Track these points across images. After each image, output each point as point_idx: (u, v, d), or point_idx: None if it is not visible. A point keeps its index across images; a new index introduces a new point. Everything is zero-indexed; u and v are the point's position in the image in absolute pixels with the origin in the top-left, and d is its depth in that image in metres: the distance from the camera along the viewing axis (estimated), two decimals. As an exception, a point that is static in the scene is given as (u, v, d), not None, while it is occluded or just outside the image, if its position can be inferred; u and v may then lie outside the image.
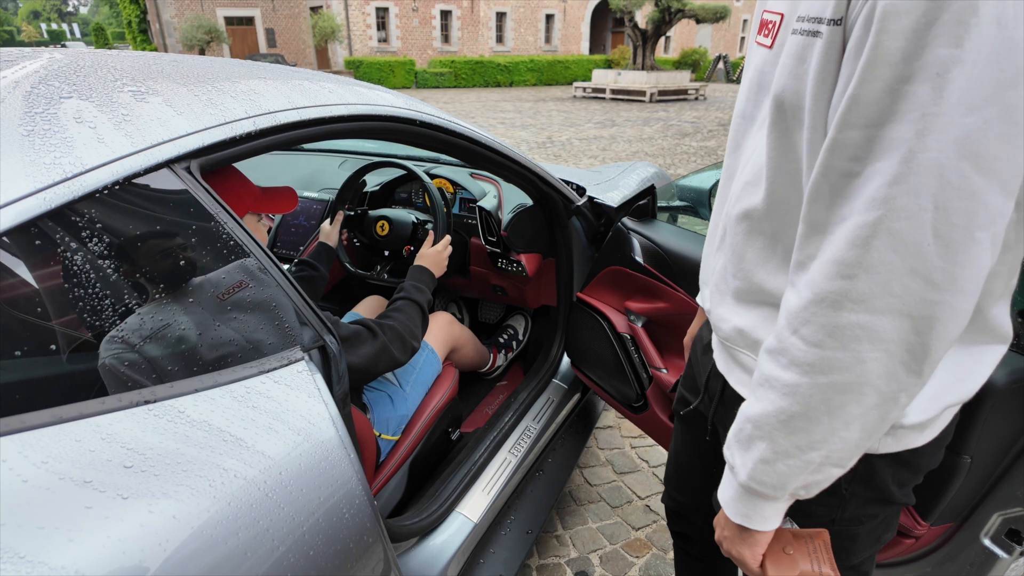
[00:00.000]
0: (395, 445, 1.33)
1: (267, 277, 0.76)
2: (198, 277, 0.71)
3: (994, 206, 0.41)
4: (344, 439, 0.72)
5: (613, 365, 1.50)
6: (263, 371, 0.71)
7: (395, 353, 1.12)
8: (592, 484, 1.82)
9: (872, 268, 0.44)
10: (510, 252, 1.63)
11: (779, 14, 0.56)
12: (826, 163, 0.47)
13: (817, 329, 0.48)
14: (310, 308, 0.81)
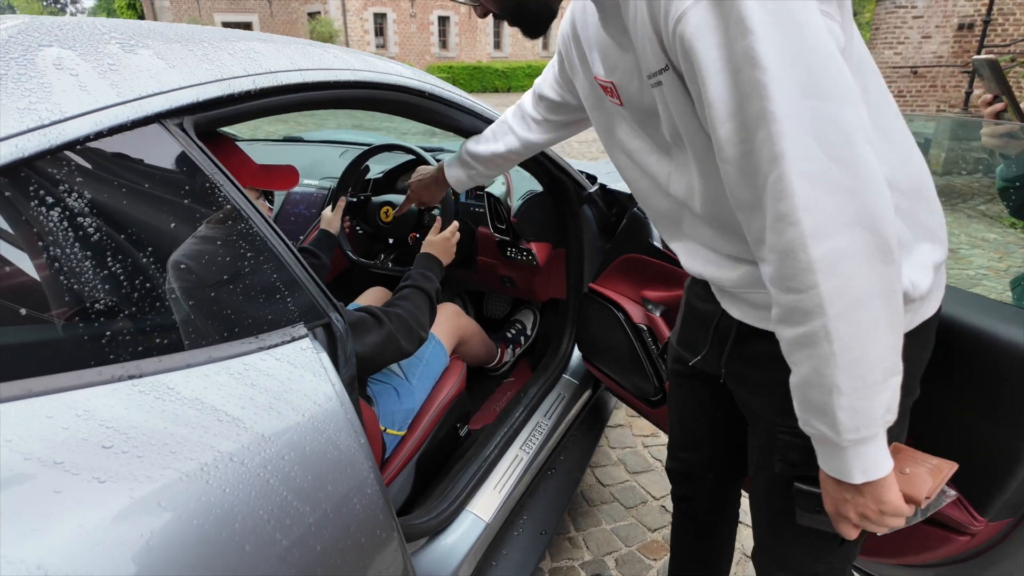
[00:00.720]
0: (401, 440, 1.26)
1: (268, 247, 0.69)
2: (191, 243, 0.64)
3: (851, 117, 0.51)
4: (354, 423, 0.65)
5: (629, 358, 1.43)
6: (263, 347, 0.64)
7: (402, 343, 1.05)
8: (605, 484, 1.75)
9: (806, 206, 0.52)
10: (520, 240, 1.56)
11: (610, 82, 0.74)
12: (724, 155, 0.57)
13: (802, 275, 0.54)
14: (315, 283, 0.74)
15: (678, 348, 0.95)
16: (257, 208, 0.72)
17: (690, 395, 0.97)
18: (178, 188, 0.65)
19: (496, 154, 1.11)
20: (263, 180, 1.05)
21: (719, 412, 0.93)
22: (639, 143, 0.75)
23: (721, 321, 0.81)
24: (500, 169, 1.18)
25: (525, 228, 1.51)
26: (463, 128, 1.17)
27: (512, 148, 1.09)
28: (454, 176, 1.19)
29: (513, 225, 1.51)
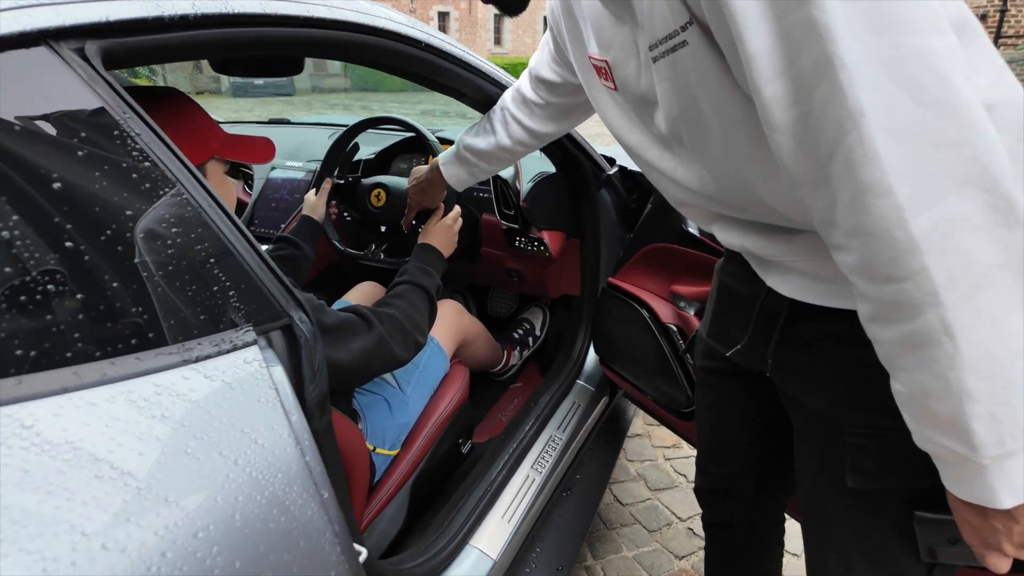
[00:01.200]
0: (393, 461, 1.08)
1: (204, 223, 0.51)
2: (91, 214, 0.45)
3: (940, 48, 0.40)
4: (315, 468, 0.47)
5: (656, 363, 1.25)
6: (187, 360, 0.45)
7: (395, 349, 0.87)
8: (624, 503, 1.56)
9: (899, 170, 0.40)
10: (530, 228, 1.38)
11: (604, 60, 0.62)
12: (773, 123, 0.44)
13: (904, 259, 0.42)
14: (272, 274, 0.55)
15: (709, 341, 0.82)
16: (194, 171, 0.53)
17: (724, 395, 0.83)
18: (71, 138, 0.46)
19: (501, 147, 0.97)
20: (233, 150, 0.87)
21: (760, 414, 0.80)
22: (637, 137, 0.65)
23: (766, 302, 0.68)
24: (505, 164, 1.03)
25: (536, 214, 1.33)
26: (466, 92, 0.99)
27: (520, 139, 0.95)
28: (453, 175, 1.06)
29: (523, 211, 1.32)
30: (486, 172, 1.04)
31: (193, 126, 0.80)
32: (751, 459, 0.84)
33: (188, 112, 0.80)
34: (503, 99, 0.98)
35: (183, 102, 0.81)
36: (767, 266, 0.66)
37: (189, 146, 0.80)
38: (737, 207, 0.61)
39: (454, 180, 1.06)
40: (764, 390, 0.74)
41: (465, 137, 1.01)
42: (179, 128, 0.78)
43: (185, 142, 0.80)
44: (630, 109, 0.64)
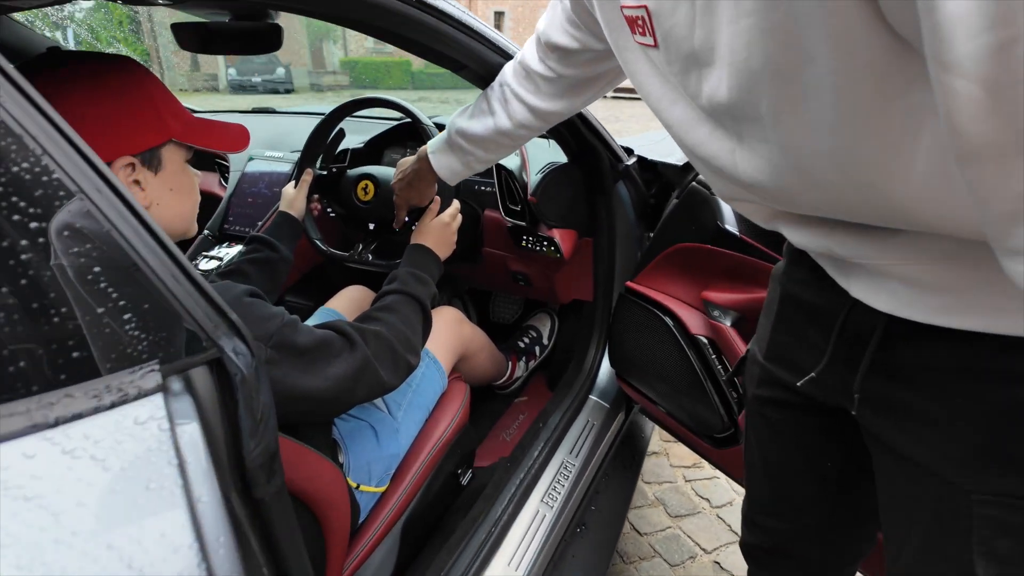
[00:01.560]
0: (381, 498, 0.92)
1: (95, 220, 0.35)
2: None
3: None
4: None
5: (683, 380, 1.09)
6: (38, 426, 0.29)
7: (382, 374, 0.72)
8: (642, 533, 1.40)
9: None
10: (539, 226, 1.22)
11: (641, 6, 0.46)
12: (948, 57, 0.27)
13: None
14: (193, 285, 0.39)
15: (767, 364, 0.66)
16: (86, 151, 0.37)
17: (786, 434, 0.68)
18: None
19: (500, 131, 0.80)
20: (197, 135, 0.71)
21: (835, 461, 0.65)
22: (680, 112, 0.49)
23: (851, 318, 0.53)
24: (506, 151, 0.86)
25: (547, 210, 1.17)
26: (460, 60, 0.83)
27: (522, 121, 0.78)
28: (444, 165, 0.89)
29: (531, 207, 1.16)
30: (483, 161, 0.88)
31: (146, 101, 0.65)
32: (818, 516, 0.68)
33: (140, 86, 0.64)
34: (502, 74, 0.81)
35: (135, 72, 0.65)
36: (853, 272, 0.50)
37: (139, 125, 0.64)
38: (824, 201, 0.44)
39: (445, 172, 0.90)
40: (843, 430, 0.60)
41: (457, 120, 0.84)
42: (127, 103, 0.63)
43: (134, 120, 0.64)
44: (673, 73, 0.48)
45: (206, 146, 0.72)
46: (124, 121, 0.62)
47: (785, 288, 0.64)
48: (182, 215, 0.72)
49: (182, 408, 0.36)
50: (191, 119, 0.71)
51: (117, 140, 0.61)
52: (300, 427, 0.78)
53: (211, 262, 1.24)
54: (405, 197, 1.00)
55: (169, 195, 0.69)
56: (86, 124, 0.59)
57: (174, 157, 0.69)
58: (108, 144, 0.61)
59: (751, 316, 0.98)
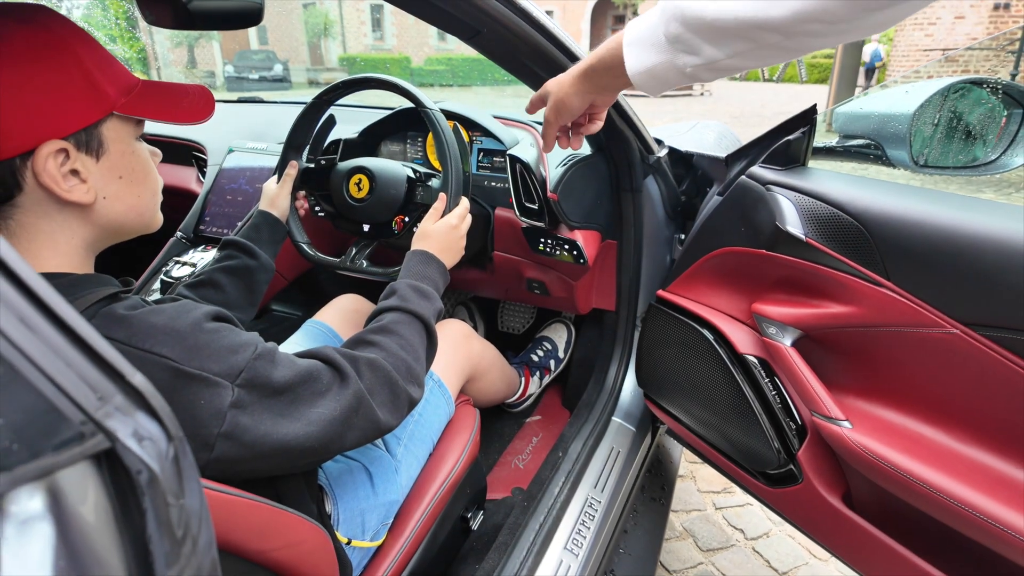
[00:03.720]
0: (377, 554, 0.77)
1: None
2: None
3: None
4: None
5: (729, 405, 0.94)
6: None
7: (378, 413, 0.58)
8: (671, 570, 1.25)
9: None
10: (558, 227, 1.06)
11: None
12: None
13: None
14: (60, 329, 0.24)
15: None
16: None
17: None
18: None
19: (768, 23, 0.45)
20: (144, 104, 0.56)
21: None
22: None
23: None
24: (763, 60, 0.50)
25: (569, 209, 1.02)
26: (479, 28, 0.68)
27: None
28: (646, 66, 0.54)
29: (551, 205, 1.01)
30: (719, 70, 0.51)
31: (74, 65, 0.50)
32: None
33: (63, 46, 0.49)
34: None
35: (57, 30, 0.50)
36: None
37: (67, 99, 0.49)
38: None
39: (645, 79, 0.54)
40: None
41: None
42: (47, 70, 0.48)
43: (59, 92, 0.48)
44: None
45: (158, 117, 0.56)
46: (45, 94, 0.47)
47: None
48: (138, 208, 0.57)
49: (32, 552, 0.21)
50: (135, 83, 0.56)
51: (38, 120, 0.46)
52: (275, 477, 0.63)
53: (184, 268, 1.08)
54: (566, 107, 0.64)
55: (119, 184, 0.54)
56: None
57: (119, 135, 0.54)
58: (25, 126, 0.46)
59: (816, 335, 0.83)
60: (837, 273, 0.77)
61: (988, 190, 4.65)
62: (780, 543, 1.32)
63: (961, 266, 0.66)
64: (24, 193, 0.48)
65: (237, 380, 0.51)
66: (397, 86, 0.90)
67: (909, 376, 0.74)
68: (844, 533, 0.84)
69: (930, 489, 0.68)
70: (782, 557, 1.28)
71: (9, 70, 0.45)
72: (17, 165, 0.46)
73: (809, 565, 1.27)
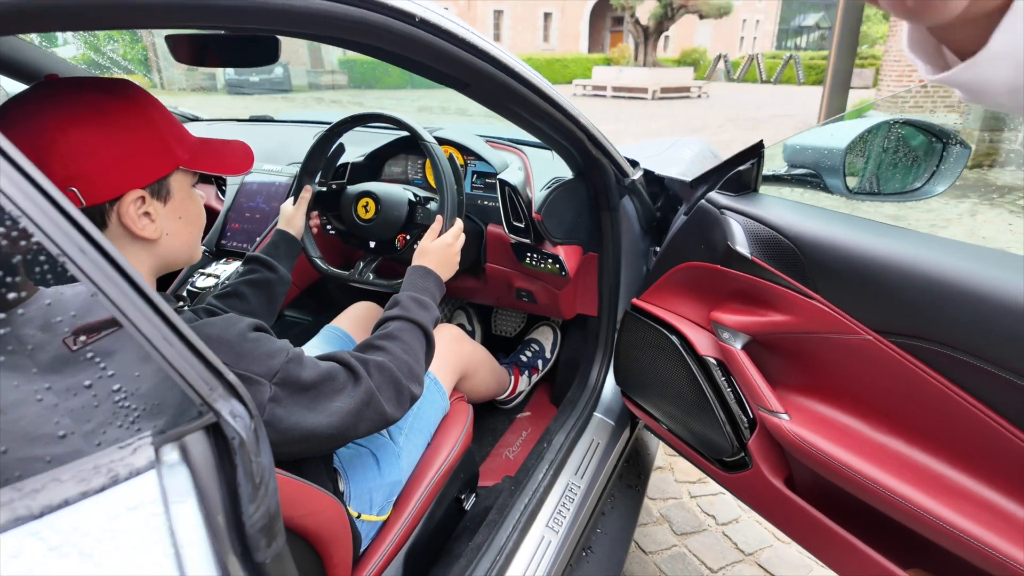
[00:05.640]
0: (383, 527, 0.90)
1: (74, 281, 0.32)
2: None
3: None
4: None
5: (692, 401, 1.07)
6: (21, 518, 0.27)
7: (385, 407, 0.70)
8: (647, 551, 1.38)
9: None
10: (543, 243, 1.19)
11: None
12: None
13: None
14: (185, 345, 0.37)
15: None
16: (64, 206, 0.34)
17: None
18: None
19: None
20: (204, 160, 0.69)
21: None
22: None
23: None
24: None
25: (552, 228, 1.15)
26: (468, 82, 0.81)
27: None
28: None
29: (536, 223, 1.14)
30: None
31: (152, 130, 0.62)
32: None
33: (143, 114, 0.62)
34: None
35: (140, 99, 0.62)
36: None
37: (147, 156, 0.61)
38: None
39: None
40: None
41: None
42: (134, 134, 0.60)
43: (142, 152, 0.61)
44: None
45: (213, 171, 0.70)
46: (132, 153, 0.60)
47: None
48: (191, 243, 0.70)
49: (177, 484, 0.34)
50: (195, 143, 0.69)
51: (126, 173, 0.59)
52: (300, 460, 0.76)
53: (208, 279, 1.21)
54: None
55: (179, 224, 0.67)
56: (95, 159, 0.57)
57: (181, 184, 0.67)
58: (118, 178, 0.58)
59: (761, 339, 0.96)
60: (777, 287, 0.90)
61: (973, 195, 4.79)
62: (748, 528, 1.45)
63: (871, 282, 0.79)
64: (108, 229, 0.61)
65: (274, 379, 0.63)
66: (400, 122, 1.03)
67: (835, 375, 0.87)
68: (786, 512, 0.97)
69: (849, 471, 0.81)
70: (749, 540, 1.41)
71: (106, 135, 0.58)
72: (106, 208, 0.59)
73: (773, 547, 1.39)
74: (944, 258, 0.73)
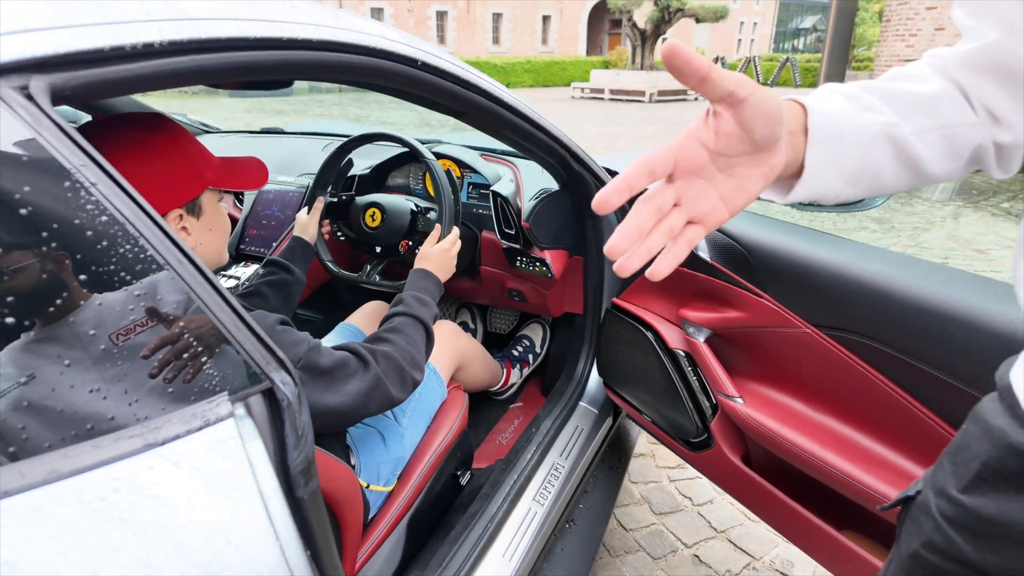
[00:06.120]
0: (389, 497, 1.02)
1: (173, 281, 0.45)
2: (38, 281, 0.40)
3: None
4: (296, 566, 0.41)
5: (663, 389, 1.20)
6: (152, 443, 0.40)
7: (391, 390, 0.82)
8: (628, 528, 1.51)
9: None
10: (532, 248, 1.32)
11: None
12: None
13: None
14: (249, 331, 0.50)
15: (950, 530, 0.48)
16: (161, 223, 0.47)
17: None
18: (14, 192, 0.40)
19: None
20: (228, 179, 0.82)
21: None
22: None
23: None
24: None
25: (539, 234, 1.27)
26: (463, 109, 0.93)
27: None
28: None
29: (524, 231, 1.27)
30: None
31: (185, 157, 0.75)
32: None
33: (177, 142, 0.75)
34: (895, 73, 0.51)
35: (173, 132, 0.75)
36: None
37: (183, 181, 0.74)
38: None
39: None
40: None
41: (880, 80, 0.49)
42: (172, 163, 0.73)
43: (178, 177, 0.74)
44: None
45: (236, 187, 0.83)
46: (172, 178, 0.73)
47: (1008, 442, 0.44)
48: (219, 249, 0.83)
49: (246, 429, 0.47)
50: (219, 163, 0.82)
51: (169, 196, 0.72)
52: (319, 435, 0.89)
53: (229, 281, 1.34)
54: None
55: (209, 235, 0.79)
56: (143, 185, 0.69)
57: (210, 200, 0.79)
58: (163, 201, 0.71)
59: (721, 333, 1.09)
60: (733, 287, 1.03)
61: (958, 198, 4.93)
62: (721, 508, 1.58)
63: (806, 284, 0.92)
64: None
65: (298, 364, 0.76)
66: (403, 141, 1.16)
67: (781, 364, 1.00)
68: (743, 485, 1.10)
69: (789, 444, 0.94)
70: (722, 519, 1.54)
71: (149, 166, 0.70)
72: None
73: (743, 525, 1.52)
74: (863, 263, 0.86)
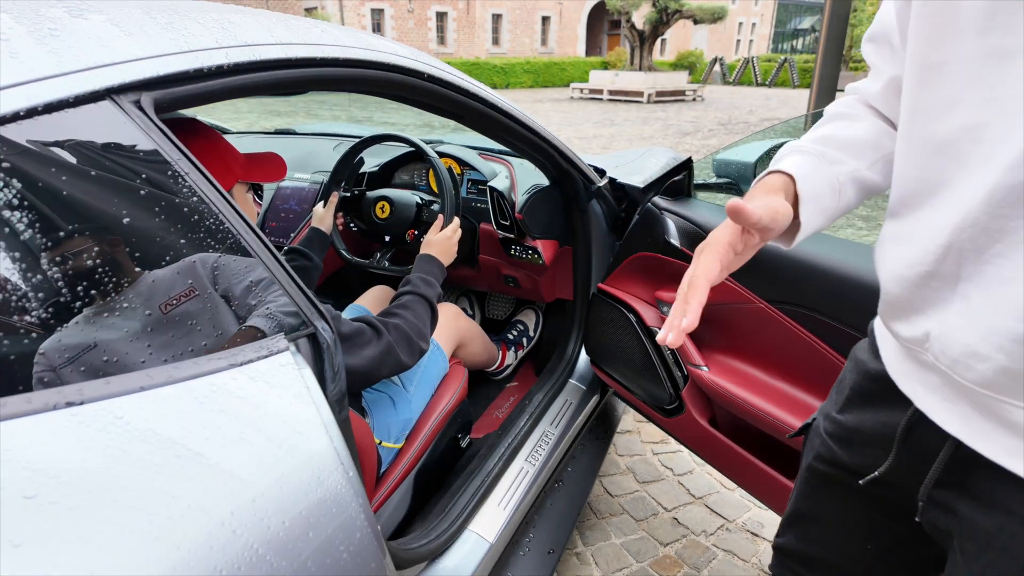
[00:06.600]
0: (398, 454, 1.17)
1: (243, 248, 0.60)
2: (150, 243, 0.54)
3: None
4: (341, 452, 0.56)
5: (641, 363, 1.34)
6: (234, 363, 0.54)
7: (401, 356, 0.96)
8: (613, 495, 1.66)
9: None
10: (525, 238, 1.47)
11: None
12: None
13: None
14: (299, 289, 0.64)
15: (832, 444, 0.62)
16: (232, 202, 0.62)
17: (842, 509, 0.64)
18: (132, 178, 0.55)
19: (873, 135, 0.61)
20: (253, 172, 0.96)
21: (897, 541, 0.62)
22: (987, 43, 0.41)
23: (915, 432, 0.53)
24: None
25: (531, 225, 1.42)
26: (463, 115, 1.08)
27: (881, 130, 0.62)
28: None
29: (518, 222, 1.41)
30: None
31: (219, 155, 0.89)
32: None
33: (213, 143, 0.89)
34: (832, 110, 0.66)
35: (208, 134, 0.90)
36: (957, 394, 0.46)
37: (218, 175, 0.89)
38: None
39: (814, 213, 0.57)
40: (908, 517, 0.56)
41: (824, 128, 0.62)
42: (209, 160, 0.87)
43: (214, 172, 0.89)
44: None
45: (261, 180, 0.97)
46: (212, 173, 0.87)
47: (857, 387, 0.59)
48: None
49: (299, 360, 0.61)
50: (245, 159, 0.96)
51: None
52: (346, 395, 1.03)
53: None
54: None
55: None
56: None
57: (240, 192, 0.94)
58: None
59: (691, 311, 1.23)
60: (699, 269, 1.17)
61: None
62: (700, 478, 1.72)
63: (761, 265, 1.06)
64: None
65: None
66: (410, 141, 1.31)
67: (740, 335, 1.15)
68: (710, 446, 1.25)
69: (745, 403, 1.08)
70: (700, 487, 1.69)
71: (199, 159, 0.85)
72: None
73: (720, 493, 1.67)
74: (809, 246, 1.01)
